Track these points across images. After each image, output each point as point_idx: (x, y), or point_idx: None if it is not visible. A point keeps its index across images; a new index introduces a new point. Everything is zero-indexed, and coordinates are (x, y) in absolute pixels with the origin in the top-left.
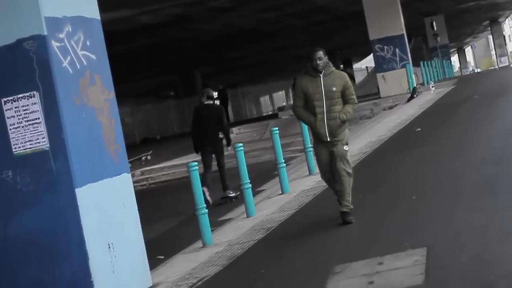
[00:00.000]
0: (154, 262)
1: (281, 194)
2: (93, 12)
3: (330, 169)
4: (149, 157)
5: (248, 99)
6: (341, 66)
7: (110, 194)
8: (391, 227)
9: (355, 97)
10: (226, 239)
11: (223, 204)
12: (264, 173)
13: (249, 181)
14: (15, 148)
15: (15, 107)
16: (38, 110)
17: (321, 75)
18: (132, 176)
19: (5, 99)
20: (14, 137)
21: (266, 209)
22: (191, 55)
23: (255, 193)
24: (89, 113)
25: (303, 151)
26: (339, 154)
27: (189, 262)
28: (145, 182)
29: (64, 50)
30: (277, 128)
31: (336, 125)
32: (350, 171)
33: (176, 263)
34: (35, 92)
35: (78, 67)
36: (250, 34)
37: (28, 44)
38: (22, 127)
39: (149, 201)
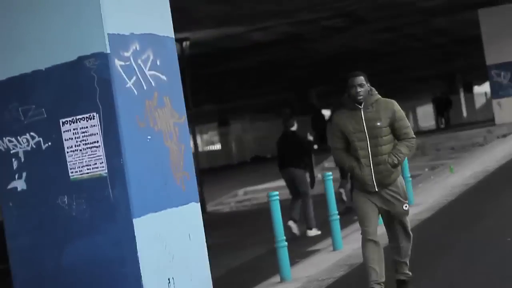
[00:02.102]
0: None
1: None
2: (166, 29)
3: (375, 227)
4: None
5: None
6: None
7: (174, 225)
8: (481, 272)
9: (409, 130)
10: (306, 274)
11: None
12: None
13: (337, 212)
14: (72, 172)
15: (73, 129)
16: (97, 133)
17: (362, 108)
18: (235, 195)
19: (64, 120)
20: (71, 161)
21: (355, 242)
22: (306, 73)
23: (350, 223)
24: (155, 138)
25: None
26: (397, 215)
27: None
28: (247, 203)
29: (129, 69)
30: None
31: (386, 171)
32: (410, 234)
33: None
34: (94, 114)
35: (145, 88)
36: (366, 54)
37: (90, 62)
38: (80, 150)
39: (247, 223)
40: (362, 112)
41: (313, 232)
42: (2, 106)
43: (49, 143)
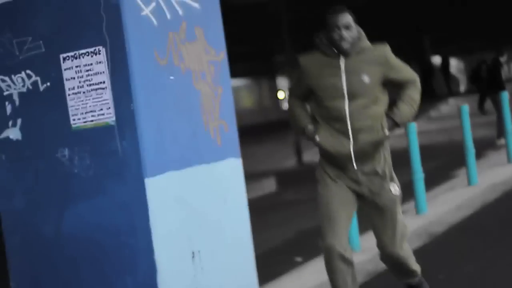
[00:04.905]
0: (283, 268)
1: (468, 186)
2: None
3: (345, 228)
4: None
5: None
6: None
7: (204, 185)
8: None
9: (409, 73)
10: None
11: None
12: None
13: (421, 169)
14: (74, 119)
15: (76, 66)
16: (103, 72)
17: (342, 56)
18: None
19: (65, 55)
20: (73, 106)
21: (442, 205)
22: (420, 18)
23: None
24: (180, 78)
25: None
26: (387, 208)
27: (323, 273)
28: None
29: None
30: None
31: (372, 141)
32: (406, 233)
33: (306, 273)
34: (100, 48)
35: (169, 17)
36: None
37: None
38: (83, 92)
39: None
40: (341, 61)
41: None
42: None
43: (48, 84)
